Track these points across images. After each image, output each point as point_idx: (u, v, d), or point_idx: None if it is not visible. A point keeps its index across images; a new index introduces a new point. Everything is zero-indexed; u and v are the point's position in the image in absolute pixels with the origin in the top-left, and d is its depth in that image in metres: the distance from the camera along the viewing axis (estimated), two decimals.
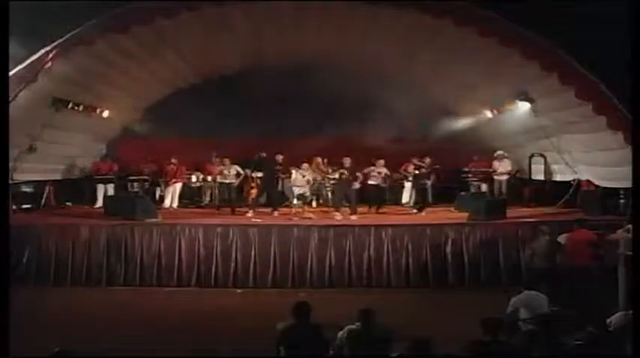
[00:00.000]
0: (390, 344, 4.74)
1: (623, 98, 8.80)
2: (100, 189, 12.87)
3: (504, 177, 12.80)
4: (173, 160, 13.38)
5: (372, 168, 12.27)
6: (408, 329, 5.55)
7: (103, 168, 13.16)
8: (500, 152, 12.88)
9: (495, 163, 12.87)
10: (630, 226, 7.16)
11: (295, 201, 11.50)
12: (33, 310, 7.80)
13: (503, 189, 12.76)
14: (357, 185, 11.67)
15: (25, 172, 11.55)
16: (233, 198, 12.36)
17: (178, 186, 13.43)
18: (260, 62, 13.00)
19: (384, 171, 12.33)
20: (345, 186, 11.53)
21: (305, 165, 11.67)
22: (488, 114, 12.72)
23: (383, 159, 12.45)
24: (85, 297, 9.06)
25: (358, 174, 11.76)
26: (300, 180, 11.47)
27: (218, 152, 13.44)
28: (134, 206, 10.57)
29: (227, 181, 12.43)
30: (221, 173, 12.75)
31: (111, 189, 12.84)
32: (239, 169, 12.57)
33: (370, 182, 12.30)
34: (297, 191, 11.50)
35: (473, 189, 13.18)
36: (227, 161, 12.50)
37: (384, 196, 12.73)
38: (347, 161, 11.69)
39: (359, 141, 12.91)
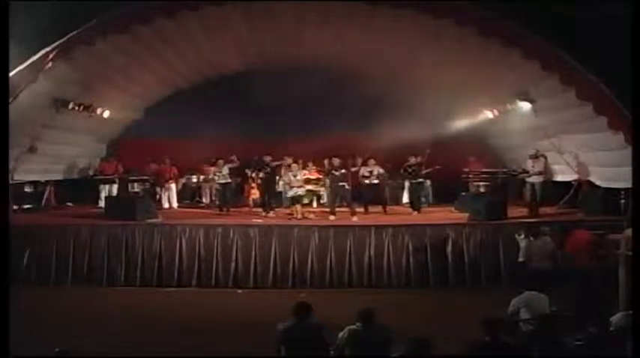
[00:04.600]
0: (391, 344, 4.74)
1: (624, 98, 8.80)
2: (103, 189, 12.86)
3: (539, 179, 11.48)
4: (166, 161, 13.37)
5: (364, 167, 12.23)
6: (408, 329, 5.55)
7: (108, 169, 13.14)
8: (533, 150, 11.70)
9: (529, 163, 11.65)
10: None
11: (290, 202, 11.45)
12: (33, 310, 7.80)
13: (538, 193, 11.39)
14: (346, 185, 11.58)
15: (26, 172, 11.56)
16: (228, 198, 12.21)
17: (173, 186, 13.39)
18: (260, 62, 13.00)
19: (377, 169, 12.24)
20: (339, 187, 11.54)
21: (294, 165, 11.59)
22: (489, 114, 12.70)
23: (378, 158, 12.37)
24: (86, 297, 9.07)
25: (345, 171, 11.65)
26: (294, 181, 11.42)
27: (217, 152, 13.42)
28: (134, 206, 10.59)
29: (222, 181, 12.15)
30: (215, 174, 12.33)
31: (114, 190, 12.83)
32: (226, 170, 12.16)
33: (365, 182, 12.25)
34: (291, 192, 11.44)
35: (473, 189, 13.13)
36: (220, 162, 12.18)
37: (380, 196, 12.64)
38: (336, 161, 11.67)
39: (358, 142, 12.88)
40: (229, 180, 12.25)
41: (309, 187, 12.33)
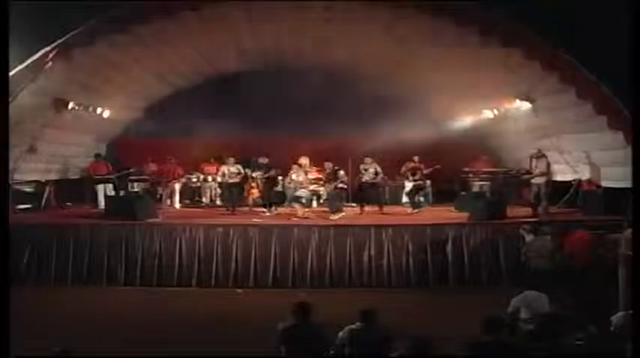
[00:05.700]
0: (391, 344, 4.73)
1: (624, 98, 8.80)
2: (100, 189, 12.86)
3: (542, 180, 10.83)
4: (171, 159, 13.36)
5: (361, 166, 12.21)
6: (409, 329, 5.55)
7: (99, 169, 13.12)
8: (534, 150, 11.11)
9: (533, 162, 11.01)
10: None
11: (295, 202, 11.45)
12: (33, 310, 7.80)
13: (542, 195, 10.76)
14: (336, 185, 11.68)
15: (25, 172, 11.57)
16: (235, 197, 12.24)
17: (177, 186, 13.38)
18: (260, 62, 13.00)
19: (374, 167, 12.19)
20: (336, 192, 11.57)
21: (295, 165, 11.58)
22: (489, 114, 12.70)
23: (377, 158, 12.35)
24: (86, 297, 9.07)
25: (342, 172, 11.74)
26: (298, 181, 11.39)
27: (216, 152, 13.41)
28: (134, 206, 10.58)
29: (231, 181, 12.15)
30: (222, 172, 12.43)
31: (110, 190, 12.82)
32: (240, 168, 12.34)
33: (363, 180, 12.23)
34: (295, 192, 11.42)
35: (473, 189, 13.13)
36: (231, 160, 12.27)
37: (379, 195, 12.60)
38: (329, 165, 11.66)
39: (358, 142, 12.88)
40: (238, 180, 12.25)
41: (312, 187, 12.34)
